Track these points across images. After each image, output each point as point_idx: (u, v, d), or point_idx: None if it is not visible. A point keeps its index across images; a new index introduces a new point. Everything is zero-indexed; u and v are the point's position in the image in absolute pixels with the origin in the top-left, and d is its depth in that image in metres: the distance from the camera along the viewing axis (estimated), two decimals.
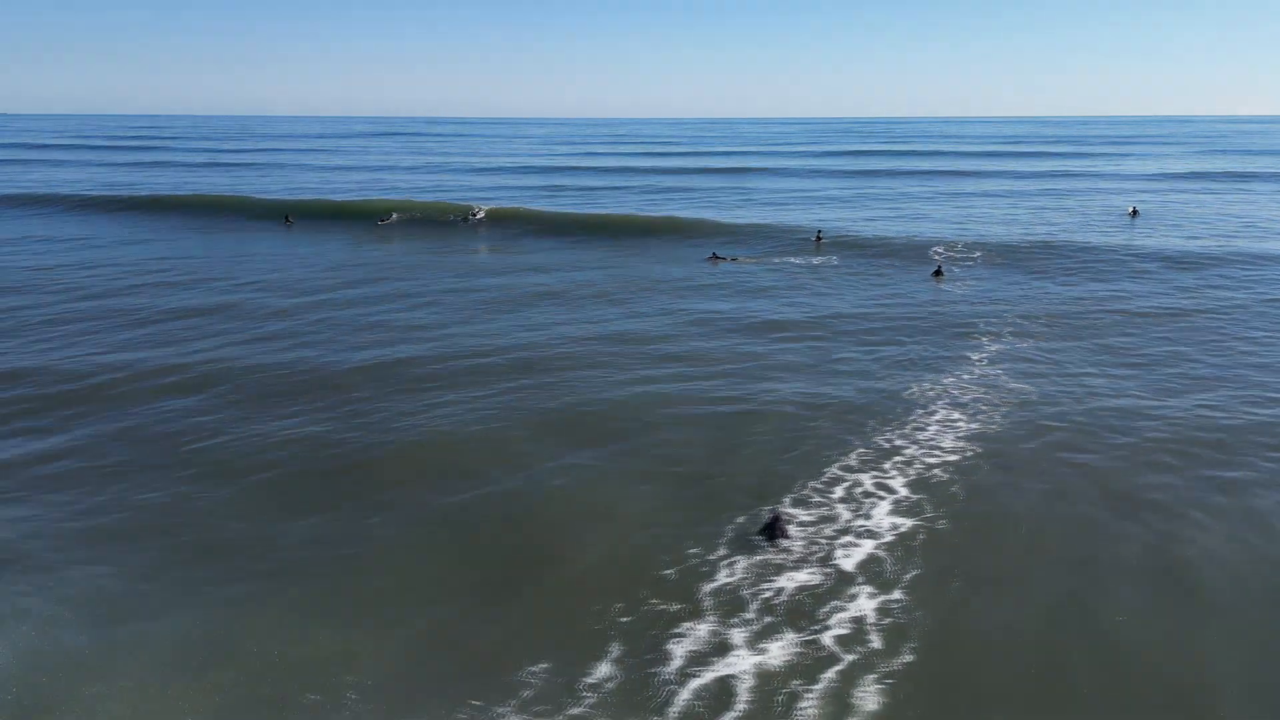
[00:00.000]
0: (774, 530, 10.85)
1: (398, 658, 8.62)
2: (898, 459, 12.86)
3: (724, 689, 8.15)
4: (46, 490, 12.14)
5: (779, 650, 8.69)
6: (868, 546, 10.61)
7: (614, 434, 14.00)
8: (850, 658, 8.55)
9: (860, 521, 11.17)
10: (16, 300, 23.42)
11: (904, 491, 11.88)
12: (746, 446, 13.51)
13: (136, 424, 14.52)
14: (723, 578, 9.99)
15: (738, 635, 8.95)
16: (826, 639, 8.86)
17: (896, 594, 9.59)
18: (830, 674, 8.33)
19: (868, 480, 12.24)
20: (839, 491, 11.95)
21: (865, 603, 9.48)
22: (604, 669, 8.41)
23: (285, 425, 14.33)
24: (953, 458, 12.85)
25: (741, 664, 8.49)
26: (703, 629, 9.05)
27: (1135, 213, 40.72)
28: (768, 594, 9.68)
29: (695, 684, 8.20)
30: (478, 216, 40.39)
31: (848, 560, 10.33)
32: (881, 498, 11.77)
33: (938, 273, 27.16)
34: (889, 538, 10.78)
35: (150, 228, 38.88)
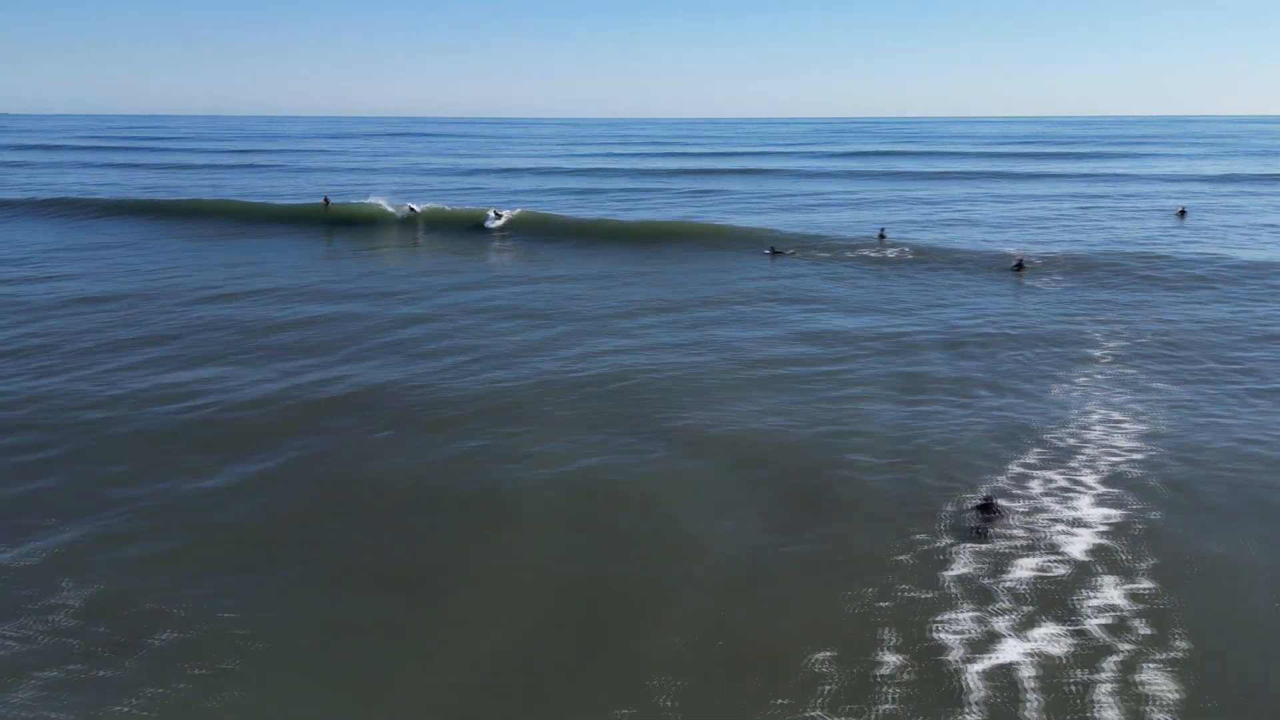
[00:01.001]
0: (989, 514, 11.06)
1: (689, 662, 8.69)
2: (1080, 457, 12.98)
3: (1010, 679, 8.23)
4: (238, 539, 11.79)
5: (1048, 639, 8.81)
6: (1087, 536, 10.76)
7: (795, 438, 14.15)
8: (1126, 646, 8.66)
9: (1069, 512, 11.32)
10: (111, 313, 23.12)
11: (1100, 486, 12.01)
12: (919, 444, 13.62)
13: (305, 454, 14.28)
14: (960, 565, 10.13)
15: (1001, 624, 9.07)
16: (1091, 627, 8.98)
17: (1143, 582, 9.72)
18: (1111, 663, 8.43)
19: (1057, 476, 12.38)
20: (1034, 486, 12.10)
21: (1112, 591, 9.61)
22: (889, 659, 8.53)
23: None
24: (1136, 456, 12.98)
25: (1017, 653, 8.59)
26: (964, 617, 9.17)
27: (1183, 213, 41.13)
28: (1009, 582, 9.81)
29: (981, 674, 8.29)
30: (499, 222, 37.67)
31: (1074, 548, 10.48)
32: (1079, 491, 11.91)
33: (1019, 266, 27.37)
34: (1104, 527, 10.94)
35: (194, 232, 37.67)
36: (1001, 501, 11.48)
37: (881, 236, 33.65)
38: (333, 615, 9.32)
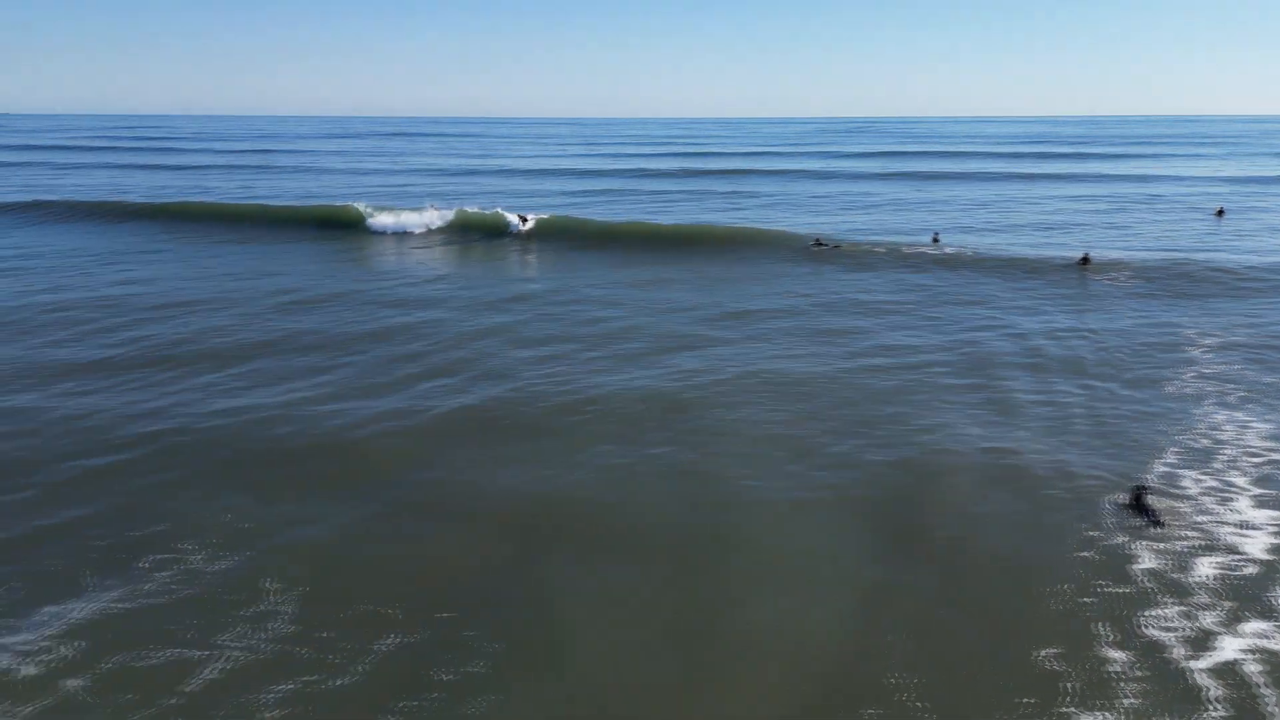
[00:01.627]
0: (1141, 507, 11.33)
1: (914, 660, 8.85)
2: (1221, 457, 13.14)
3: (1239, 676, 8.36)
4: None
5: (1262, 635, 8.98)
6: (1260, 537, 10.91)
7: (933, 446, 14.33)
8: None
9: (1231, 514, 11.47)
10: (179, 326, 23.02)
11: (1254, 488, 12.15)
12: (1043, 440, 13.77)
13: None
14: (1145, 560, 10.32)
15: (1209, 619, 9.24)
16: None
17: None
18: None
19: (1205, 476, 12.53)
20: (1187, 485, 12.25)
21: None
22: (1116, 655, 8.68)
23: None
24: (1277, 455, 13.18)
25: (1236, 650, 8.75)
26: (1171, 613, 9.35)
27: (1222, 213, 41.49)
28: (1199, 578, 9.99)
29: (1209, 671, 8.44)
30: (525, 227, 36.79)
31: (1251, 547, 10.64)
32: (1233, 492, 12.06)
33: (1084, 260, 27.65)
34: (1274, 527, 11.12)
35: (241, 236, 37.01)
36: (1152, 498, 11.64)
37: (935, 240, 33.80)
38: (559, 611, 9.46)
